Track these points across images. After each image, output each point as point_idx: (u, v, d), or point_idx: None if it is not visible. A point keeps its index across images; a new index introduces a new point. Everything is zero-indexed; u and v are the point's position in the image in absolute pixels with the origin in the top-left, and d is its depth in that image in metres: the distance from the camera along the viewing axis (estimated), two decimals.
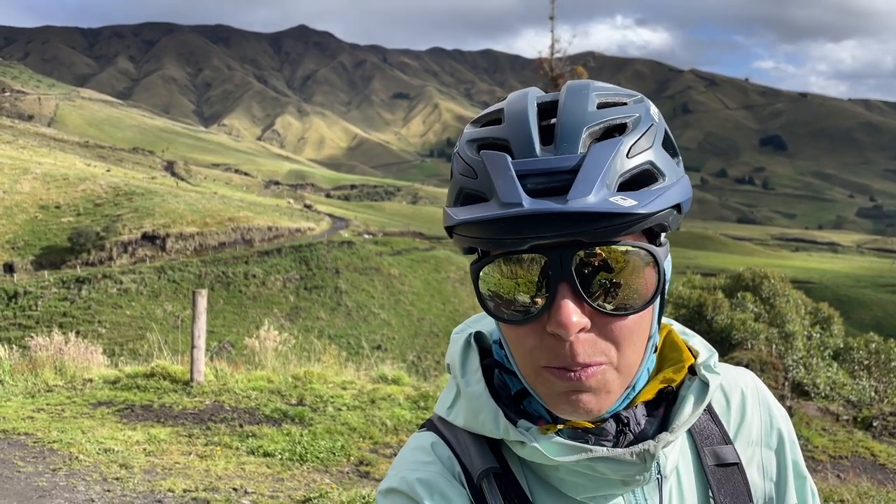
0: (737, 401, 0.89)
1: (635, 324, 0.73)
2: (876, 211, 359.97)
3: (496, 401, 0.79)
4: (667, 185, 0.72)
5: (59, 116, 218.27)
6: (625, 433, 0.77)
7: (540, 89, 0.78)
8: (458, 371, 0.83)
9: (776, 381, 10.33)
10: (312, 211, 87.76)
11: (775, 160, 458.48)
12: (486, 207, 0.69)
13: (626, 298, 0.71)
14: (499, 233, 0.68)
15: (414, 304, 53.84)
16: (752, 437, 0.88)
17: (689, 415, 0.78)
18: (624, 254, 0.70)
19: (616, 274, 0.70)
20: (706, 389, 0.80)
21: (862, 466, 7.45)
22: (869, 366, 15.57)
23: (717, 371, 0.82)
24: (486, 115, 0.80)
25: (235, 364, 8.76)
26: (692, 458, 0.85)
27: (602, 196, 0.66)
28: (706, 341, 0.88)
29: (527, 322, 0.71)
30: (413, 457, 0.82)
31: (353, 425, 6.49)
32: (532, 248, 0.69)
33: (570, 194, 0.66)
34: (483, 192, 0.71)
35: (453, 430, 0.83)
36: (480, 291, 0.74)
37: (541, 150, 0.71)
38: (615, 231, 0.68)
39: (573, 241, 0.68)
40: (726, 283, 17.30)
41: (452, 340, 0.88)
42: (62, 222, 58.62)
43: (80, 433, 6.03)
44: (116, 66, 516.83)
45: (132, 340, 37.99)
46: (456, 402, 0.83)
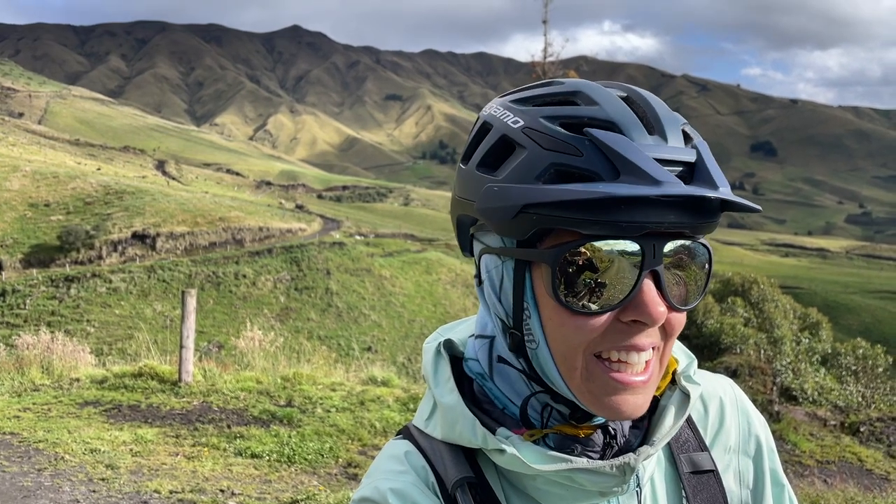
0: (714, 408, 0.89)
1: (684, 319, 0.73)
2: (865, 217, 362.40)
3: (476, 408, 0.77)
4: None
5: (49, 114, 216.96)
6: (611, 445, 0.76)
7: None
8: (430, 381, 0.82)
9: (765, 385, 10.37)
10: (304, 211, 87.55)
11: (766, 166, 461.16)
12: (622, 186, 0.64)
13: (692, 293, 0.71)
14: (612, 214, 0.65)
15: (405, 306, 53.77)
16: (729, 445, 0.87)
17: (670, 427, 0.77)
18: (700, 250, 0.71)
19: (691, 268, 0.71)
20: (687, 401, 0.79)
21: (849, 471, 7.49)
22: (856, 371, 15.66)
23: (697, 381, 0.82)
24: (547, 94, 0.74)
25: (224, 364, 8.72)
26: (668, 466, 0.84)
27: (729, 190, 0.68)
28: (686, 347, 0.88)
29: (604, 311, 0.68)
30: (387, 466, 0.80)
31: (341, 427, 6.47)
32: (636, 234, 0.66)
33: (719, 183, 0.66)
34: (594, 171, 0.66)
35: (429, 438, 0.81)
36: (556, 277, 0.68)
37: (651, 139, 0.68)
38: (710, 227, 0.69)
39: (670, 232, 0.68)
40: (716, 287, 17.37)
41: (424, 351, 0.86)
42: (52, 220, 58.24)
43: (66, 433, 5.99)
44: (108, 64, 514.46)
45: (121, 340, 37.77)
46: (433, 413, 0.82)
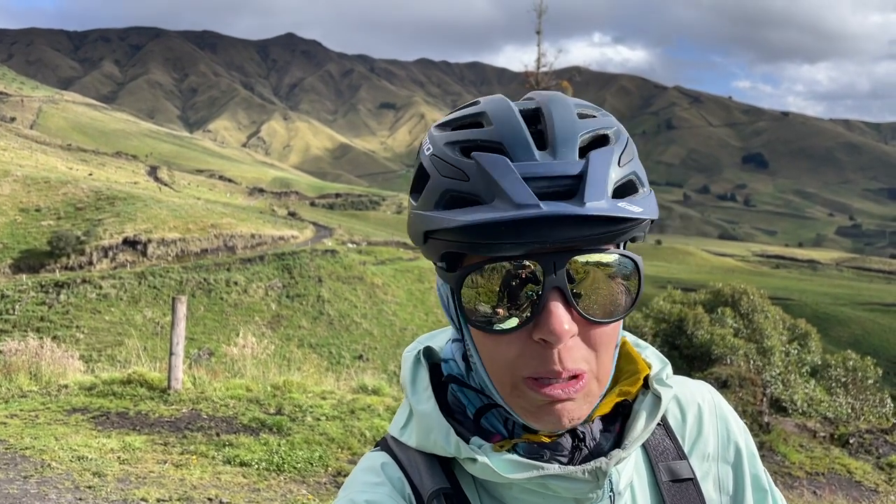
0: (693, 415, 0.88)
1: (613, 330, 0.73)
2: (855, 230, 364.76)
3: (450, 418, 0.78)
4: (647, 195, 0.73)
5: (42, 119, 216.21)
6: (580, 448, 0.76)
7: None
8: (408, 389, 0.82)
9: (755, 396, 10.39)
10: (296, 219, 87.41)
11: (757, 178, 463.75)
12: (490, 210, 0.67)
13: (610, 305, 0.71)
14: (498, 237, 0.66)
15: (396, 315, 53.68)
16: (708, 452, 0.87)
17: (642, 430, 0.77)
18: (611, 261, 0.71)
19: (602, 281, 0.70)
20: (659, 404, 0.79)
21: (838, 483, 7.51)
22: (846, 383, 15.71)
23: (669, 384, 0.81)
24: (460, 117, 0.77)
25: (214, 372, 8.68)
26: (647, 475, 0.83)
27: (610, 202, 0.67)
28: (660, 353, 0.87)
29: (512, 331, 0.69)
30: (363, 478, 0.80)
31: (331, 436, 6.44)
32: (528, 253, 0.68)
33: (587, 197, 0.66)
34: (478, 195, 0.69)
35: (405, 449, 0.81)
36: (463, 300, 0.71)
37: (539, 154, 0.69)
38: (614, 237, 0.69)
39: (567, 248, 0.68)
40: (706, 298, 17.42)
41: (403, 359, 0.86)
42: (42, 226, 57.94)
43: (53, 440, 5.94)
44: (102, 70, 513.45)
45: (110, 346, 37.52)
46: (409, 421, 0.82)
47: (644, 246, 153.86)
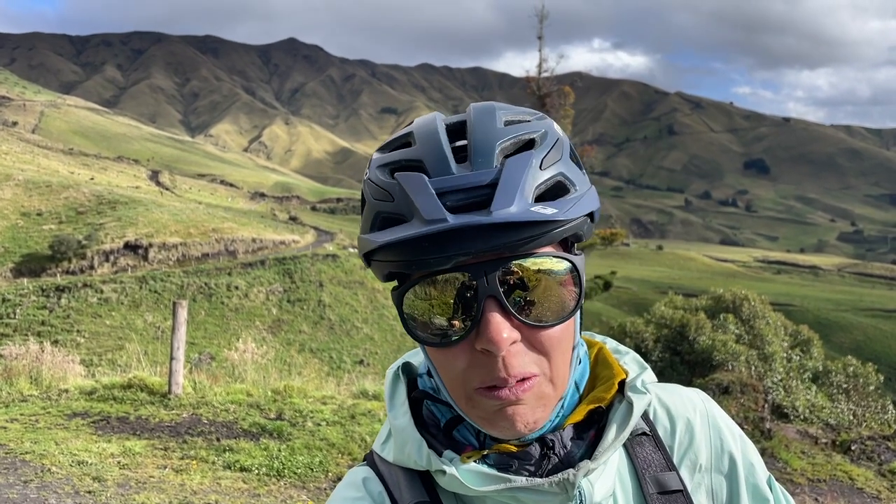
0: (683, 424, 0.86)
1: (562, 333, 0.73)
2: (857, 236, 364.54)
3: (424, 432, 0.79)
4: (579, 195, 0.73)
5: (43, 123, 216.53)
6: (548, 457, 0.75)
7: (444, 115, 0.77)
8: (387, 405, 0.83)
9: (756, 403, 10.37)
10: (297, 223, 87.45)
11: (758, 183, 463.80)
12: (408, 227, 0.69)
13: (551, 308, 0.71)
14: (422, 253, 0.68)
15: (397, 319, 53.55)
16: (700, 463, 0.85)
17: (612, 440, 0.76)
18: (545, 265, 0.70)
19: (539, 285, 0.70)
20: (632, 411, 0.78)
21: (840, 490, 7.48)
22: (848, 389, 15.66)
23: (644, 390, 0.80)
24: (393, 140, 0.79)
25: (215, 377, 8.67)
26: (633, 486, 0.81)
27: (523, 206, 0.67)
28: (640, 359, 0.86)
29: (455, 343, 0.70)
30: (344, 493, 0.82)
31: (332, 441, 6.43)
32: (456, 265, 0.68)
33: (493, 206, 0.66)
34: (402, 214, 0.70)
35: (388, 464, 0.82)
36: (405, 317, 0.73)
37: (457, 168, 0.70)
38: (537, 241, 0.68)
39: (496, 256, 0.69)
40: (708, 304, 17.39)
41: (386, 375, 0.87)
42: (43, 230, 57.99)
43: (53, 444, 5.93)
44: (104, 74, 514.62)
45: (111, 351, 37.50)
46: (389, 437, 0.83)
47: (645, 251, 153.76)
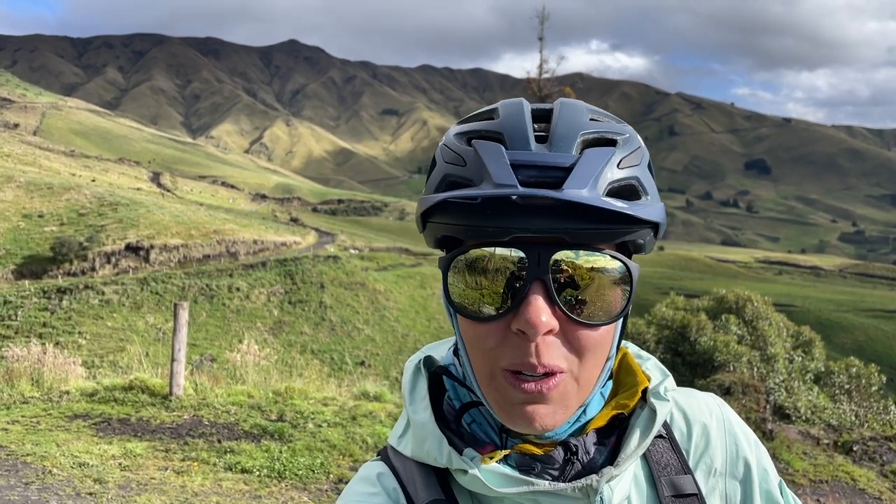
0: (699, 429, 0.86)
1: (601, 337, 0.71)
2: (858, 236, 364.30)
3: (444, 428, 0.78)
4: (650, 204, 0.72)
5: (45, 125, 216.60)
6: (572, 462, 0.74)
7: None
8: (406, 399, 0.82)
9: (758, 403, 10.35)
10: (298, 225, 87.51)
11: (760, 184, 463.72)
12: (475, 189, 0.68)
13: (598, 308, 0.69)
14: (482, 220, 0.68)
15: (398, 321, 53.62)
16: (715, 467, 0.85)
17: (635, 447, 0.75)
18: (600, 262, 0.69)
19: (591, 282, 0.69)
20: (655, 418, 0.77)
21: (842, 491, 7.46)
22: (849, 390, 15.64)
23: (667, 398, 0.79)
24: (478, 114, 0.79)
25: (216, 378, 8.66)
26: (647, 489, 0.81)
27: (595, 194, 0.66)
28: (662, 365, 0.86)
29: (493, 319, 0.69)
30: (359, 488, 0.81)
31: (333, 442, 6.42)
32: (513, 240, 0.68)
33: (566, 186, 0.66)
34: (471, 179, 0.70)
35: (403, 459, 0.81)
36: (448, 284, 0.72)
37: (535, 147, 0.70)
38: (600, 234, 0.68)
39: (555, 240, 0.68)
40: (709, 305, 17.36)
41: (405, 369, 0.87)
42: (45, 231, 58.04)
43: (54, 446, 5.93)
44: (105, 76, 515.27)
45: (112, 352, 37.50)
46: (406, 431, 0.82)
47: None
